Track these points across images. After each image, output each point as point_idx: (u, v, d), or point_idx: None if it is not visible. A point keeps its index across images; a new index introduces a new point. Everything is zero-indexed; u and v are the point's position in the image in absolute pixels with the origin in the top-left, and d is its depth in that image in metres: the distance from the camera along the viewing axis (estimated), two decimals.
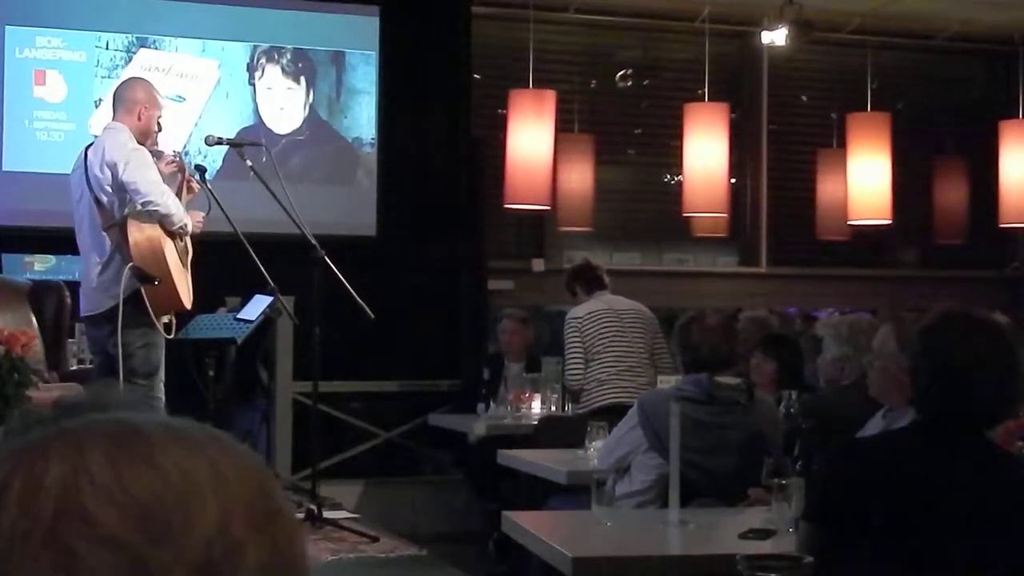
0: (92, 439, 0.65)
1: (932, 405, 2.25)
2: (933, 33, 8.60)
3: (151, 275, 4.70)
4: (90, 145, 4.92)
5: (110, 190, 4.76)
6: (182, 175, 5.06)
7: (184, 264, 4.92)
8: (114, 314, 4.71)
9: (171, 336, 4.88)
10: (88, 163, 4.81)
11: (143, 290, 4.71)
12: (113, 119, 4.92)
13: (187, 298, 4.88)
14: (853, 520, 2.17)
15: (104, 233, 4.79)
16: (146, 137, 4.88)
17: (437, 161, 7.14)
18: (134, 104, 4.88)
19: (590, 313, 5.86)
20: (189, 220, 4.88)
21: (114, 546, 0.61)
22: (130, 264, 4.69)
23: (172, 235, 4.82)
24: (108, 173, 4.74)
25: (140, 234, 4.73)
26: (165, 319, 4.85)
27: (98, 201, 4.78)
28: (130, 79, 5.32)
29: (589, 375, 5.80)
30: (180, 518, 0.63)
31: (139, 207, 4.72)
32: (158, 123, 4.97)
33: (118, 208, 4.76)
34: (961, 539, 2.14)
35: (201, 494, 0.64)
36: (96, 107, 6.51)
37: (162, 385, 4.84)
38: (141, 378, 4.77)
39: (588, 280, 6.06)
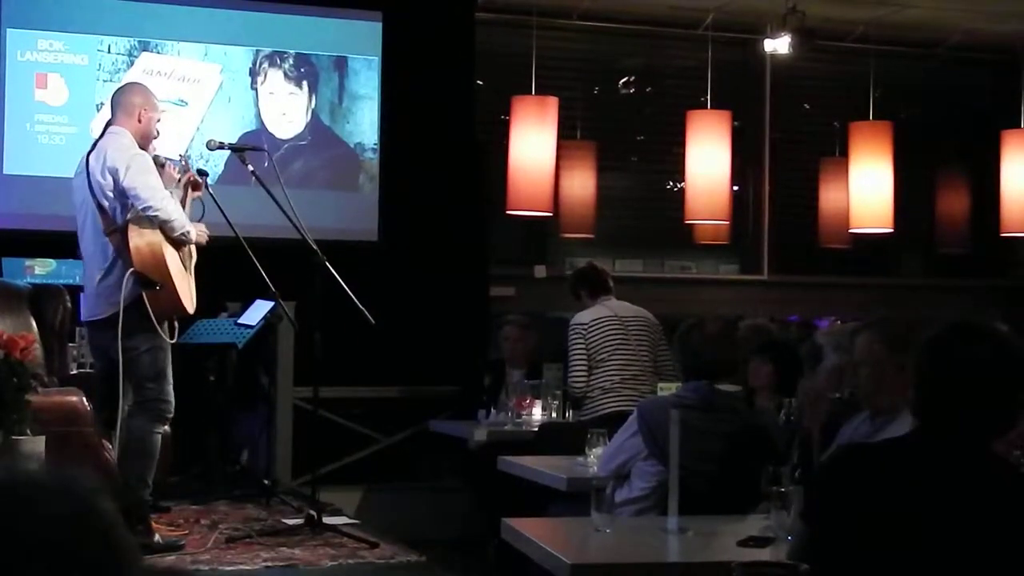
0: None
1: (934, 414, 2.25)
2: (936, 42, 8.61)
3: (152, 280, 4.71)
4: (92, 150, 4.92)
5: (112, 195, 4.76)
6: (185, 174, 5.05)
7: (187, 269, 4.92)
8: (118, 319, 4.71)
9: (174, 340, 4.89)
10: (90, 168, 4.82)
11: (145, 295, 4.71)
12: (113, 123, 4.92)
13: (189, 303, 4.88)
14: (849, 524, 2.18)
15: (106, 238, 4.79)
16: (147, 140, 4.91)
17: (439, 167, 7.14)
18: (133, 107, 4.90)
19: (595, 320, 5.85)
20: (192, 228, 4.86)
21: None
22: (131, 270, 4.70)
23: (174, 241, 4.82)
24: (110, 178, 4.75)
25: (140, 239, 4.73)
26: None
27: (100, 206, 4.78)
28: (127, 84, 5.35)
29: (593, 383, 5.80)
30: None
31: (139, 212, 4.74)
32: (156, 127, 4.98)
33: (120, 213, 4.77)
34: (956, 549, 2.14)
35: None
36: (98, 111, 6.51)
37: (171, 388, 4.84)
38: (150, 381, 4.79)
39: (593, 284, 6.05)
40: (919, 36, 8.48)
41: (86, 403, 4.90)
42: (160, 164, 5.01)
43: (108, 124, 4.95)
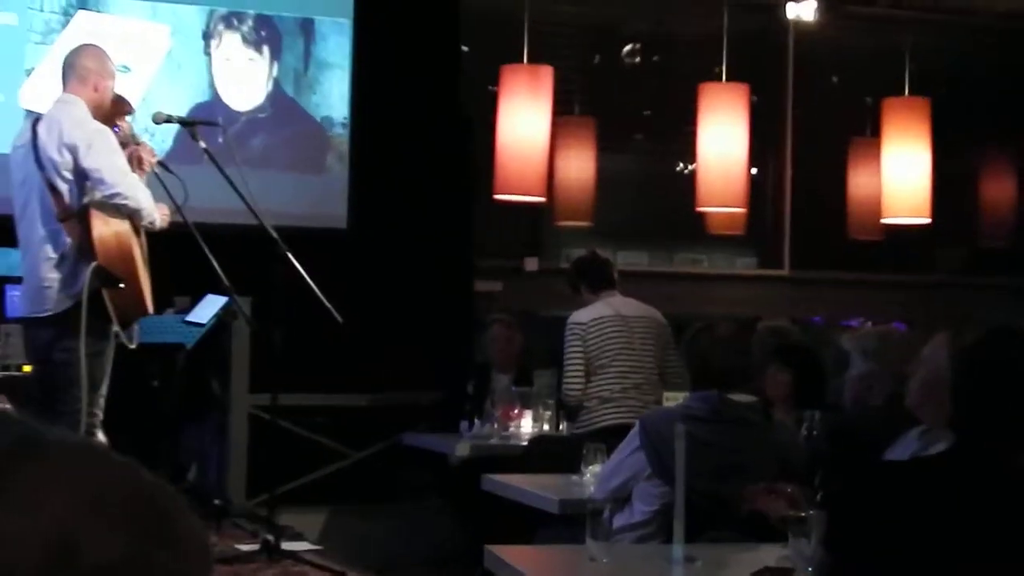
0: None
1: (973, 430, 2.25)
2: (979, 10, 8.63)
3: (116, 277, 4.61)
4: (38, 119, 4.80)
5: (69, 176, 4.66)
6: (129, 147, 4.95)
7: (145, 263, 4.84)
8: (66, 317, 4.62)
9: (134, 346, 4.80)
10: (40, 143, 4.69)
11: (105, 293, 4.62)
12: (64, 90, 4.82)
13: (151, 302, 4.82)
14: (876, 552, 2.17)
15: (59, 224, 4.68)
16: (100, 111, 4.81)
17: (418, 145, 7.15)
18: (87, 73, 4.80)
19: (595, 319, 5.83)
20: (157, 214, 4.80)
21: None
22: (94, 264, 4.59)
23: (137, 231, 4.75)
24: (68, 156, 4.64)
25: (106, 228, 4.64)
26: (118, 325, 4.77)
27: (52, 187, 4.67)
28: (80, 46, 5.19)
29: (591, 391, 5.78)
30: None
31: (103, 198, 4.65)
32: (118, 97, 4.91)
33: (76, 196, 4.67)
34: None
35: None
36: (27, 76, 6.48)
37: (103, 400, 4.79)
38: (88, 391, 4.68)
39: (594, 277, 6.02)
40: (960, 3, 8.49)
41: (12, 410, 4.86)
42: (137, 143, 4.94)
43: None
